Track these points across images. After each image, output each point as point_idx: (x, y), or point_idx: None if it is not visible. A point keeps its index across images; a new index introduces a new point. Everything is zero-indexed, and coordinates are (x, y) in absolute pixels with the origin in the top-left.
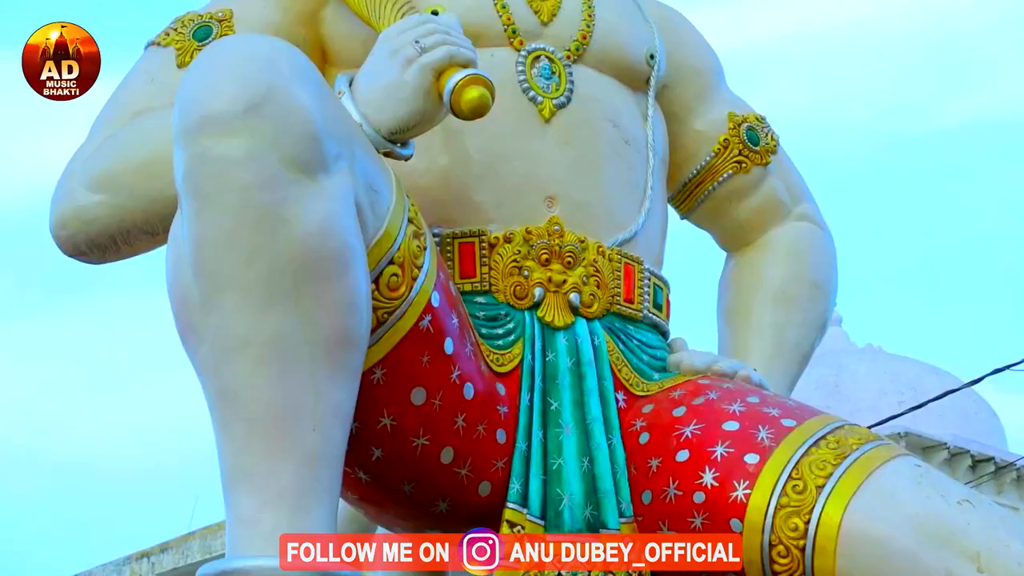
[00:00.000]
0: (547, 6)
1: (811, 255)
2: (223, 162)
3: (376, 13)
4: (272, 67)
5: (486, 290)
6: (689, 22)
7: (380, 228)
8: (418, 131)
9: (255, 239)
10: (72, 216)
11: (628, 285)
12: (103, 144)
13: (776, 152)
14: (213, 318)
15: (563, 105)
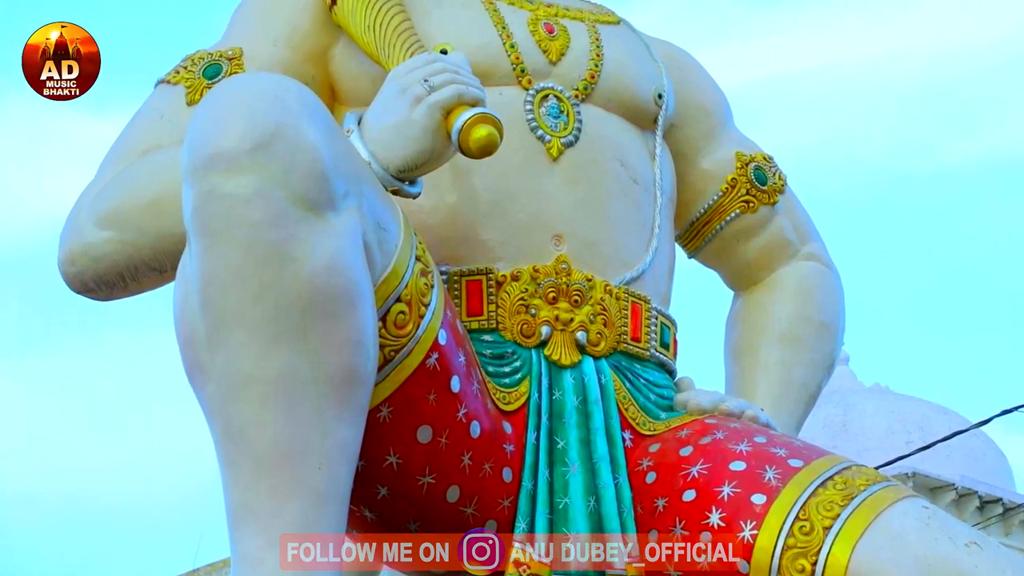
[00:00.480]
0: (556, 45)
1: (818, 295)
2: (231, 199)
3: (385, 52)
4: (281, 105)
5: (493, 328)
6: (697, 62)
7: (388, 266)
8: (426, 169)
9: (262, 276)
10: (80, 253)
11: (635, 324)
12: (112, 181)
13: (784, 192)
14: (220, 355)
15: (571, 144)
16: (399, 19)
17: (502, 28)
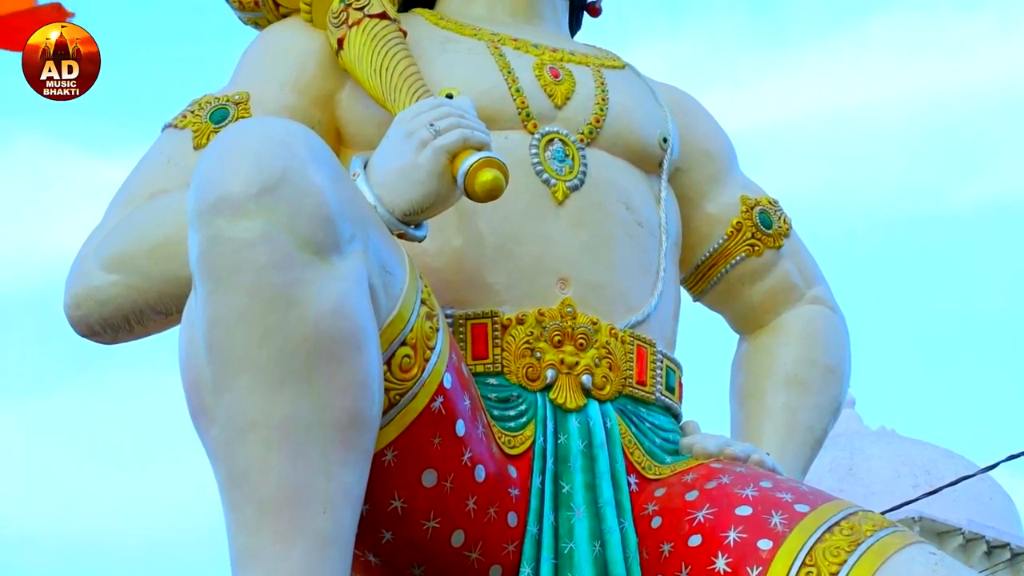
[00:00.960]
0: (561, 90)
1: (824, 338)
2: (237, 243)
3: (391, 96)
4: (287, 150)
5: (498, 371)
6: (702, 106)
7: (393, 309)
8: (432, 213)
9: (268, 320)
10: (86, 296)
11: (640, 367)
12: (118, 225)
13: (789, 235)
14: (225, 399)
15: (576, 187)
16: (405, 63)
17: (508, 72)
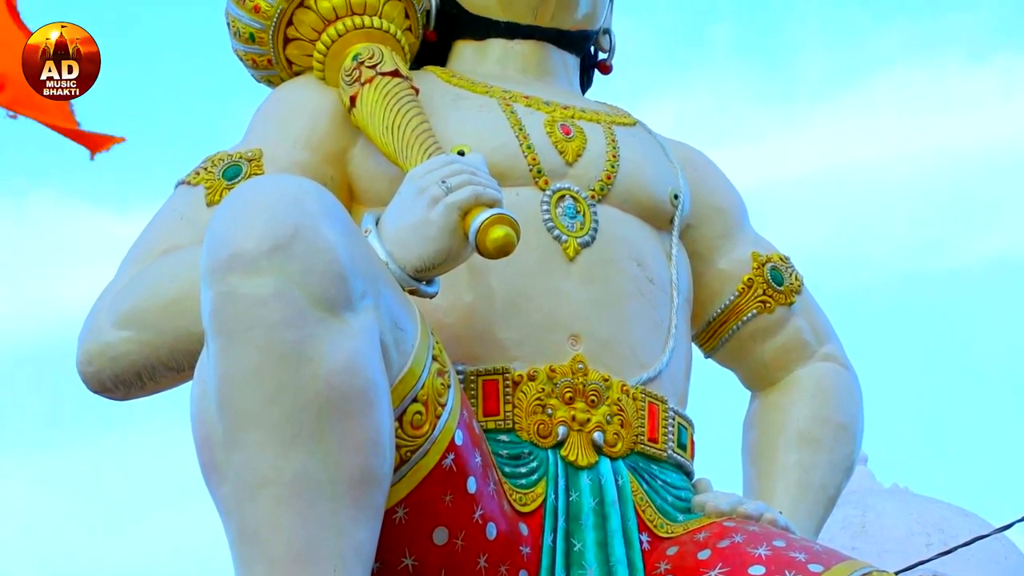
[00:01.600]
0: (572, 147)
1: (837, 396)
2: (250, 300)
3: (403, 153)
4: (300, 207)
5: (510, 428)
6: (713, 163)
7: (404, 366)
8: (444, 269)
9: (280, 377)
10: (98, 353)
11: (652, 424)
12: (131, 281)
13: (801, 292)
14: (236, 456)
15: (587, 244)
16: (417, 120)
17: (519, 129)
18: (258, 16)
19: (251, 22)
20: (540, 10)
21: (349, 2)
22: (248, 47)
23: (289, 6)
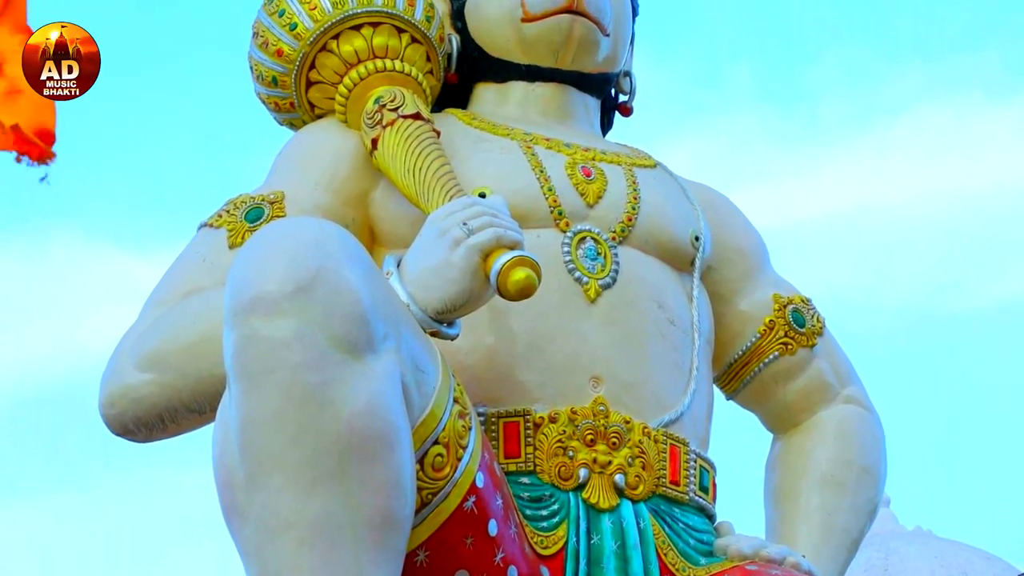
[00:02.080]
0: (593, 188)
1: (859, 439)
2: (272, 343)
3: (425, 195)
4: (322, 249)
5: (531, 470)
6: (734, 204)
7: (426, 408)
8: (465, 311)
9: (301, 419)
10: (120, 395)
11: (674, 467)
12: (154, 323)
13: (822, 334)
14: (257, 499)
15: (608, 286)
16: (439, 163)
17: (540, 172)
18: (281, 60)
19: (274, 66)
20: (561, 53)
21: (371, 46)
22: (271, 90)
23: (312, 50)
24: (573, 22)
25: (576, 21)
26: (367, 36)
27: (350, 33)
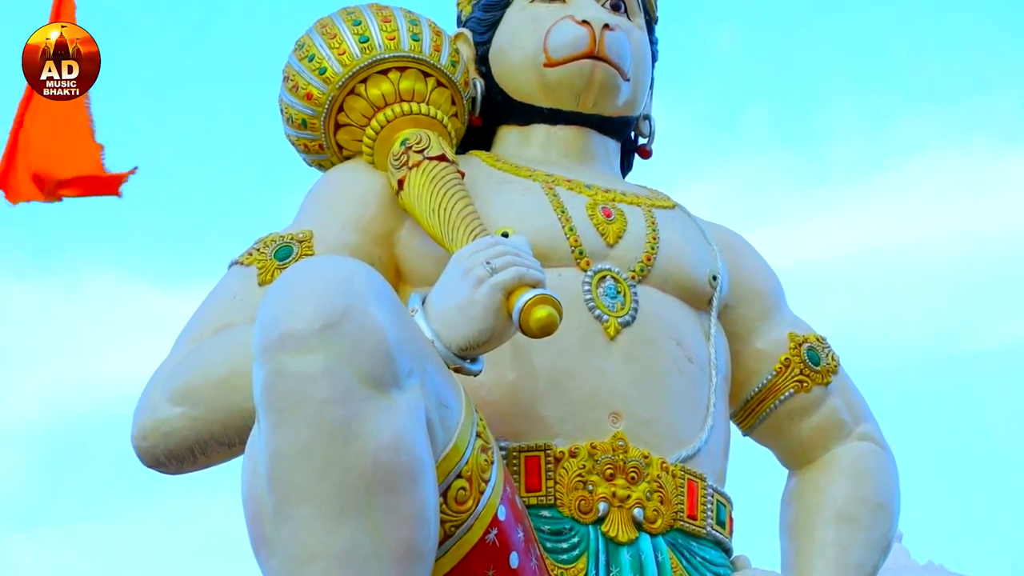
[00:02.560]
0: (613, 229)
1: (874, 475)
2: (300, 378)
3: (449, 234)
4: (349, 287)
5: (551, 504)
6: (750, 245)
7: (449, 442)
8: (488, 348)
9: (329, 453)
10: (153, 428)
11: (691, 501)
12: (185, 358)
13: (837, 372)
14: (285, 530)
15: (628, 324)
16: (463, 204)
17: (561, 212)
18: (310, 103)
19: (304, 108)
20: (583, 97)
21: (398, 90)
22: (300, 132)
23: (340, 93)
24: (594, 67)
25: (597, 66)
26: (394, 80)
27: (378, 77)
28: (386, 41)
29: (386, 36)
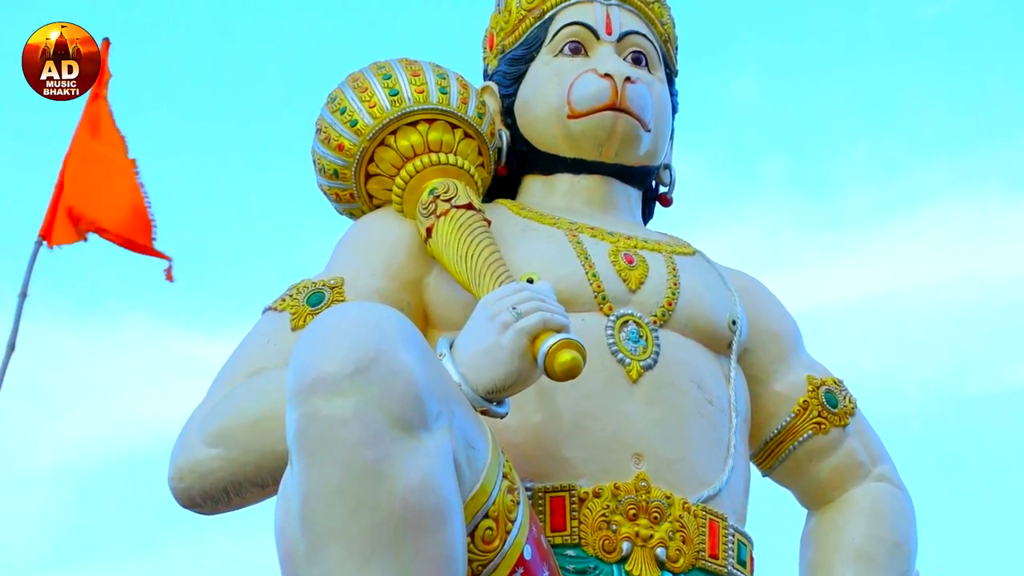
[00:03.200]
0: (635, 275)
1: (891, 515)
2: (332, 421)
3: (476, 280)
4: (380, 333)
5: (576, 543)
6: (768, 290)
7: (476, 483)
8: (514, 391)
9: (359, 494)
10: (189, 470)
11: (713, 541)
12: (220, 401)
13: (854, 414)
14: (317, 569)
15: (650, 367)
16: (489, 251)
17: (585, 259)
18: (342, 154)
19: (335, 159)
20: (605, 148)
21: (426, 141)
22: (332, 182)
23: (371, 145)
24: (616, 119)
25: (619, 118)
26: (423, 132)
27: (407, 129)
28: (415, 94)
29: (415, 89)
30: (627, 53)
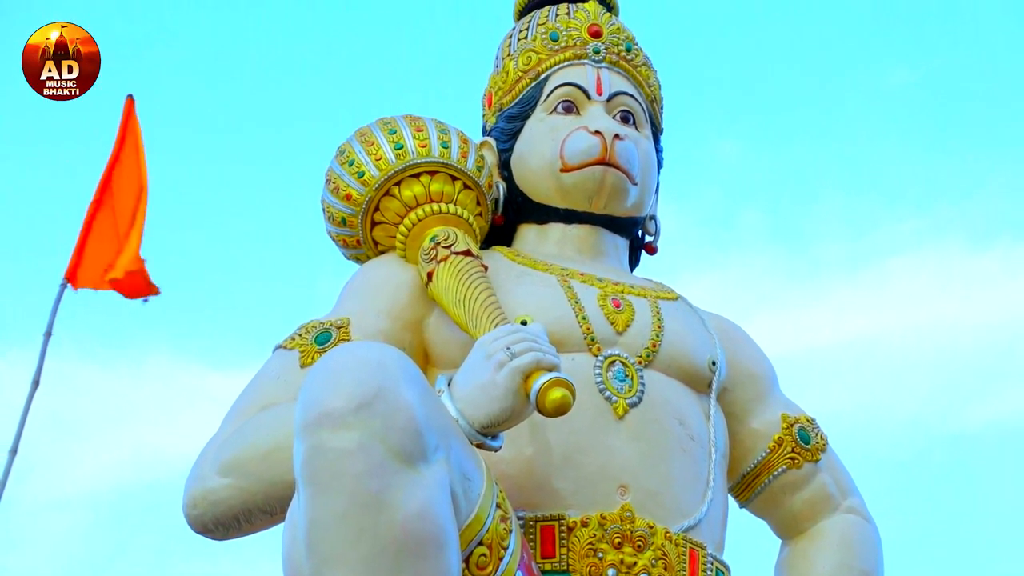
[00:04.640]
0: (622, 318)
1: (859, 545)
2: (337, 453)
3: (473, 322)
4: (383, 371)
5: (564, 570)
6: (747, 333)
7: (472, 512)
8: (507, 426)
9: (362, 522)
10: (202, 498)
11: (692, 569)
12: (233, 434)
13: (825, 450)
14: None
15: (635, 404)
16: (486, 294)
17: (575, 303)
18: (349, 203)
19: (343, 208)
20: (595, 199)
21: (428, 191)
22: (340, 229)
23: (377, 195)
24: (606, 172)
25: (608, 172)
26: (425, 183)
27: (410, 180)
28: (418, 148)
29: (418, 144)
30: (616, 112)
